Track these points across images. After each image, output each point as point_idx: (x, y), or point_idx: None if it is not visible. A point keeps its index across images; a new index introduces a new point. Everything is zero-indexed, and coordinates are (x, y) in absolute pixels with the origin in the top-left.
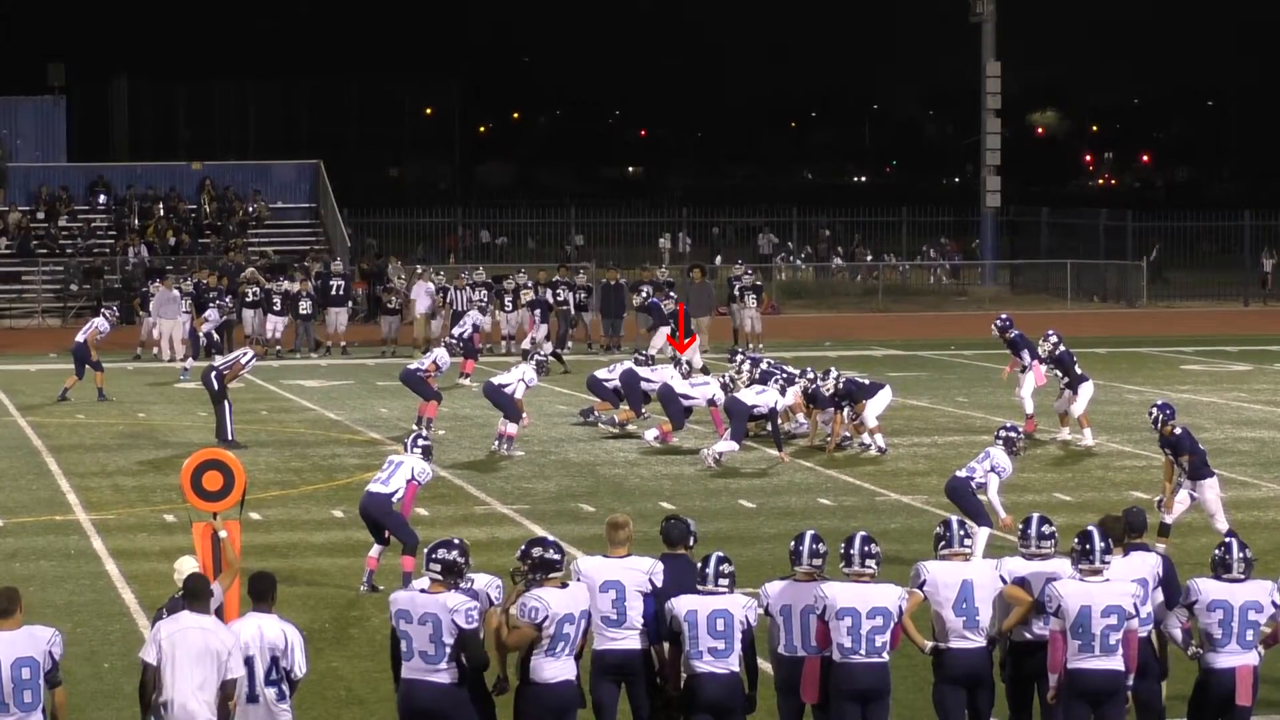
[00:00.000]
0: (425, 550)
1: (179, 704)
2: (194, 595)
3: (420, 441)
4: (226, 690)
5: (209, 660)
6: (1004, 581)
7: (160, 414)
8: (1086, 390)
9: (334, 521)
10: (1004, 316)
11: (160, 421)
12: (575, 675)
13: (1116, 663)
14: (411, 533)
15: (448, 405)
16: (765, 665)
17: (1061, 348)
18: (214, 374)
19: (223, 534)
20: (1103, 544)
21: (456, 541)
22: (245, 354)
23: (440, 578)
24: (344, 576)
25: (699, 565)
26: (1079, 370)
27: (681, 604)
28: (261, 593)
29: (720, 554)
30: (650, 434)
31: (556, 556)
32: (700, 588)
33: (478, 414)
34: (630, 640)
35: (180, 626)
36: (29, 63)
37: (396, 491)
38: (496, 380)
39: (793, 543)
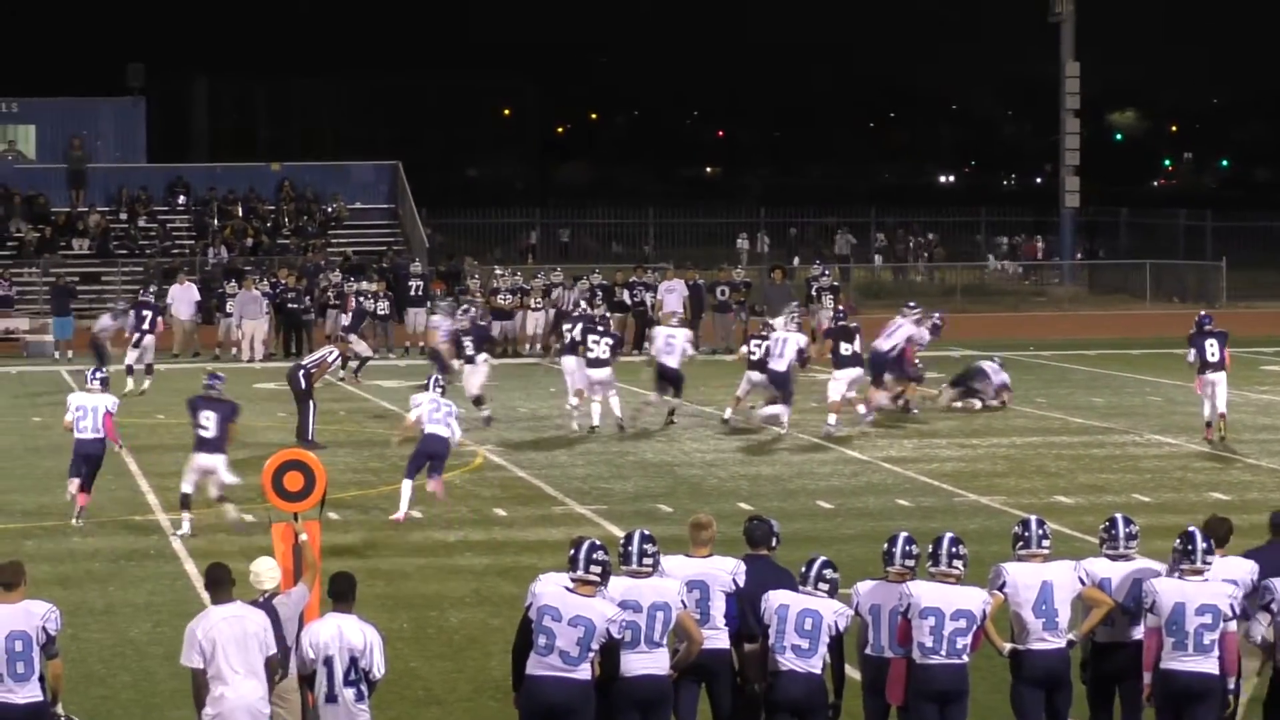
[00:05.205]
0: (580, 548)
1: (236, 696)
2: (216, 584)
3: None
4: (270, 668)
5: (251, 644)
6: (1083, 583)
7: (242, 414)
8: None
9: (413, 522)
10: (1205, 314)
11: (242, 422)
12: (664, 671)
13: (1211, 665)
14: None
15: (526, 405)
16: (853, 673)
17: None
18: (301, 373)
19: (303, 536)
20: (1204, 544)
21: (601, 543)
22: (331, 352)
23: (598, 580)
24: (423, 577)
25: (802, 567)
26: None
27: (775, 598)
28: (341, 593)
29: (825, 559)
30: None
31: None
32: (801, 588)
33: (556, 415)
34: (713, 640)
35: (212, 622)
36: (109, 64)
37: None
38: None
39: (886, 543)
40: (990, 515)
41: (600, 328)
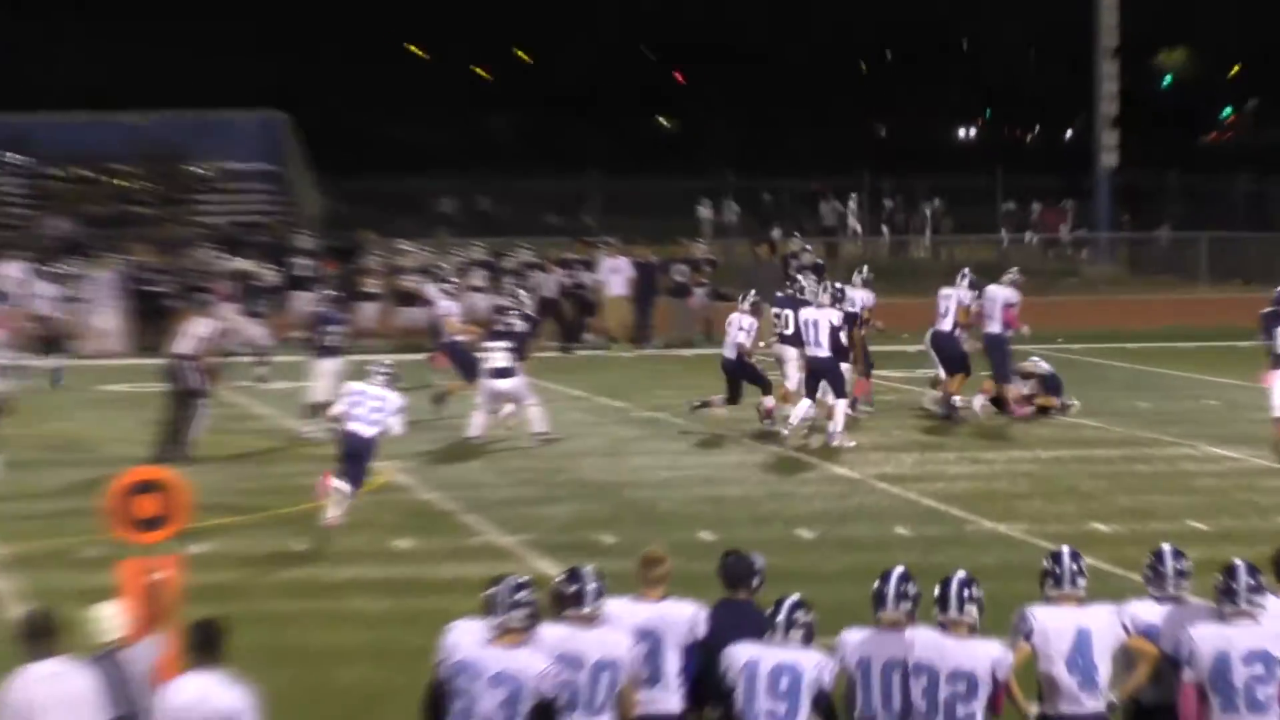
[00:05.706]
0: (500, 588)
1: None
2: (35, 636)
3: None
4: None
5: (80, 710)
6: (1127, 631)
7: (85, 423)
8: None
9: (295, 556)
10: None
11: (85, 432)
12: None
13: None
14: None
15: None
16: None
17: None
18: (189, 365)
19: (158, 574)
20: (1250, 580)
21: (527, 579)
22: (204, 325)
23: (524, 627)
24: (308, 624)
25: (769, 612)
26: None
27: (741, 652)
28: (205, 645)
29: (796, 599)
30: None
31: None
32: (770, 638)
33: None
34: (665, 702)
35: (25, 683)
36: None
37: None
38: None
39: (877, 582)
40: (1010, 547)
41: (501, 328)
